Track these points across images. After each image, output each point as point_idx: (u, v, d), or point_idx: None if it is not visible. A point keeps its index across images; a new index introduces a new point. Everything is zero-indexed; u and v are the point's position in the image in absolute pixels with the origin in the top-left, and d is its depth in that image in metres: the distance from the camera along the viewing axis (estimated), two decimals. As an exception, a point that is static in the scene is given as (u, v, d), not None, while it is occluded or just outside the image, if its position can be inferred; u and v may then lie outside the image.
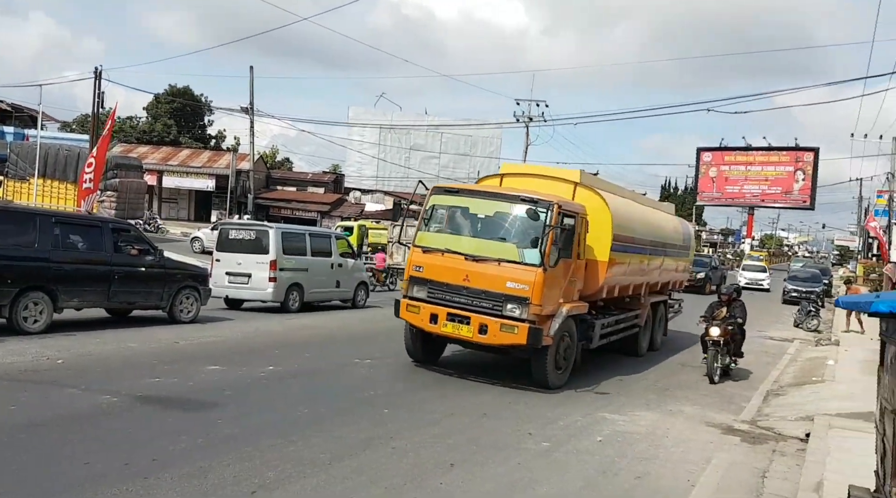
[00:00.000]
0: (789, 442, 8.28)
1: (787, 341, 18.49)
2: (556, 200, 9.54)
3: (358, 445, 6.57)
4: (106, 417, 6.73)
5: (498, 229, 9.86)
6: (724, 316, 12.04)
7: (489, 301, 9.36)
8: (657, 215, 14.63)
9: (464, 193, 10.35)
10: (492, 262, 9.41)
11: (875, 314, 3.62)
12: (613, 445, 7.46)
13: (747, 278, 37.49)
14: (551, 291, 9.48)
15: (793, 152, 58.21)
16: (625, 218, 11.62)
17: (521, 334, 9.15)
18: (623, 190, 13.75)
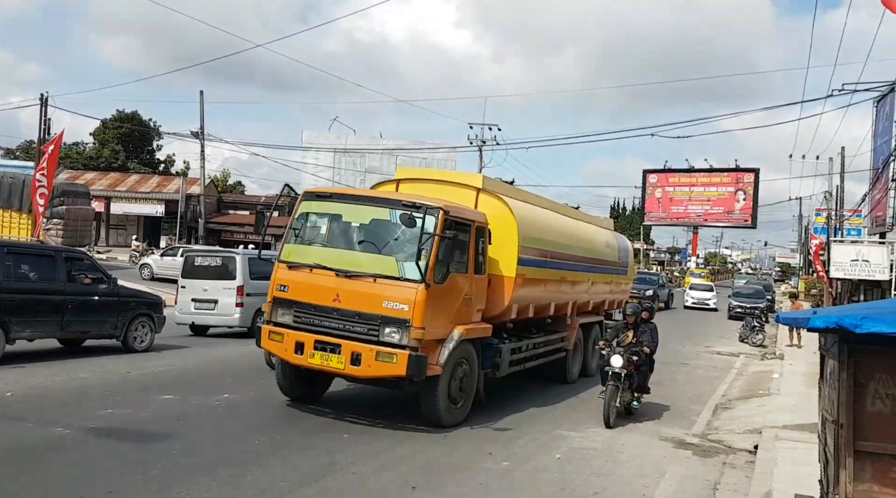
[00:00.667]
0: (738, 454, 8.56)
1: (733, 356, 19.04)
2: (442, 206, 8.27)
3: (318, 471, 6.55)
4: (58, 450, 6.58)
5: (375, 240, 8.56)
6: (630, 342, 9.94)
7: (364, 324, 8.01)
8: (584, 228, 13.42)
9: (337, 199, 8.98)
10: (367, 278, 8.12)
11: (813, 330, 3.85)
12: (571, 462, 7.61)
13: (694, 298, 37.47)
14: (439, 312, 8.16)
15: (733, 173, 60.29)
16: (536, 229, 10.43)
17: (401, 364, 7.76)
18: (541, 199, 12.41)
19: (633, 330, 10.07)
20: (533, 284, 10.33)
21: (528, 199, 11.42)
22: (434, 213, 8.16)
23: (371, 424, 8.46)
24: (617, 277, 14.66)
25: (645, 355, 9.92)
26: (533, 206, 11.30)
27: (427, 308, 7.92)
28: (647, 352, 9.96)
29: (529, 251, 9.96)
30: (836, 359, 4.01)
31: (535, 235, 10.28)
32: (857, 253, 19.97)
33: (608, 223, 16.28)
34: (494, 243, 9.40)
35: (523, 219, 9.93)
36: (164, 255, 30.18)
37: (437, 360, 8.20)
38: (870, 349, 3.86)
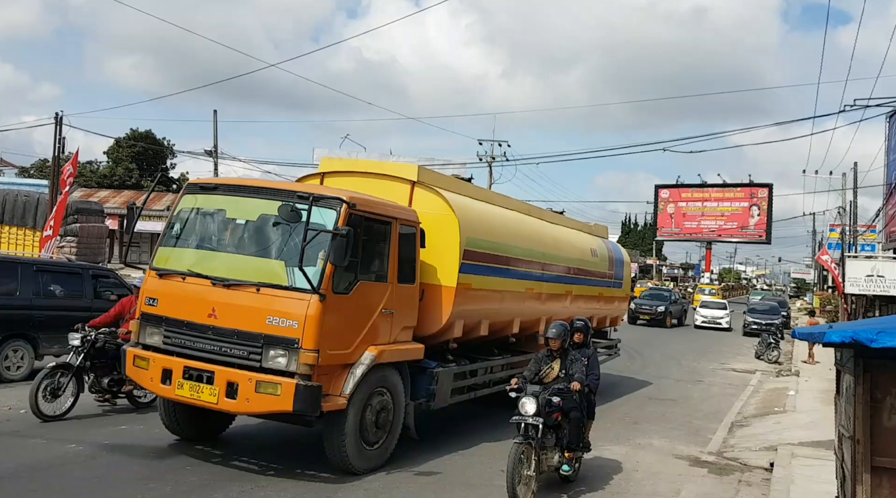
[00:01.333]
0: (754, 472, 8.46)
1: (749, 373, 18.85)
2: (346, 196, 6.74)
3: (328, 488, 6.53)
4: (71, 466, 6.60)
5: (262, 241, 7.03)
6: (556, 377, 7.07)
7: (243, 346, 6.42)
8: (561, 234, 11.78)
9: (223, 191, 7.28)
10: (249, 288, 6.55)
11: (829, 344, 3.82)
12: (585, 480, 7.53)
13: (704, 317, 33.57)
14: (342, 329, 6.62)
15: (747, 189, 59.99)
16: (487, 230, 8.92)
17: (286, 396, 6.17)
18: (501, 198, 10.89)
19: (559, 359, 7.12)
20: (483, 296, 8.78)
21: (481, 197, 9.86)
22: (333, 206, 6.63)
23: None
24: (608, 290, 13.35)
25: (578, 395, 6.98)
26: (487, 203, 9.75)
27: (323, 325, 6.34)
28: (585, 389, 7.08)
29: (477, 256, 8.48)
30: (852, 374, 3.97)
31: (486, 238, 8.76)
32: (872, 268, 19.78)
33: (600, 230, 14.80)
34: (431, 247, 7.90)
35: (468, 218, 8.41)
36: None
37: (340, 390, 6.62)
38: (886, 364, 3.83)
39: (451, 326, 8.24)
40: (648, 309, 32.80)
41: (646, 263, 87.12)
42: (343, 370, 6.71)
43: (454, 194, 8.64)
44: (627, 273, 14.77)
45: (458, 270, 8.09)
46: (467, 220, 8.37)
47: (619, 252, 14.60)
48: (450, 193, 8.48)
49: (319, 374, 6.38)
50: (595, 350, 8.15)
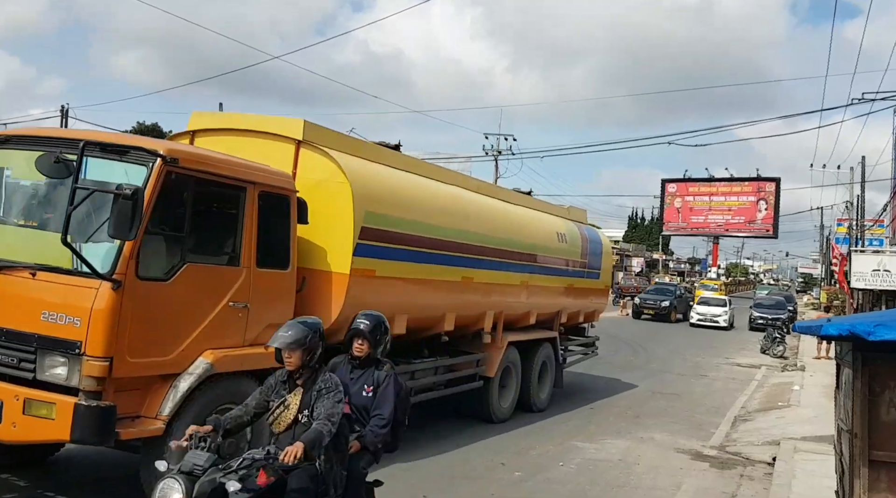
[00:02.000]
0: (757, 466, 8.43)
1: (754, 368, 18.80)
2: (164, 149, 5.19)
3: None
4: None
5: (47, 208, 5.48)
6: (291, 425, 3.99)
7: (12, 351, 4.92)
8: (514, 213, 9.99)
9: (14, 143, 5.62)
10: (23, 271, 5.01)
11: (826, 337, 3.79)
12: (585, 474, 7.53)
13: (700, 314, 31.30)
14: (156, 328, 5.07)
15: (755, 183, 59.72)
16: (397, 204, 7.20)
17: (62, 421, 4.65)
18: (426, 166, 8.99)
19: (301, 388, 4.08)
20: (393, 286, 7.13)
21: (399, 164, 7.94)
22: (143, 161, 5.04)
23: None
24: (580, 281, 11.66)
25: (323, 463, 3.90)
26: (405, 172, 7.94)
27: (120, 322, 4.78)
28: (295, 461, 3.67)
29: (383, 235, 6.87)
30: (851, 367, 3.94)
31: (396, 214, 7.12)
32: (879, 263, 19.66)
33: (576, 214, 12.82)
34: (319, 222, 6.40)
35: (368, 186, 6.84)
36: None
37: (156, 410, 5.04)
38: (884, 357, 3.80)
39: (346, 322, 5.63)
40: (653, 304, 32.74)
41: (652, 258, 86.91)
42: (163, 383, 5.11)
43: (350, 157, 6.94)
44: (607, 263, 13.11)
45: (353, 252, 6.47)
46: (366, 188, 6.76)
47: (596, 239, 12.76)
48: (344, 155, 6.80)
49: (117, 389, 4.80)
50: (391, 374, 4.57)
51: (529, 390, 10.33)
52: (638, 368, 16.73)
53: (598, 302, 12.78)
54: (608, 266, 13.25)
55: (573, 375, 14.62)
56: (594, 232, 13.17)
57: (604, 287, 13.10)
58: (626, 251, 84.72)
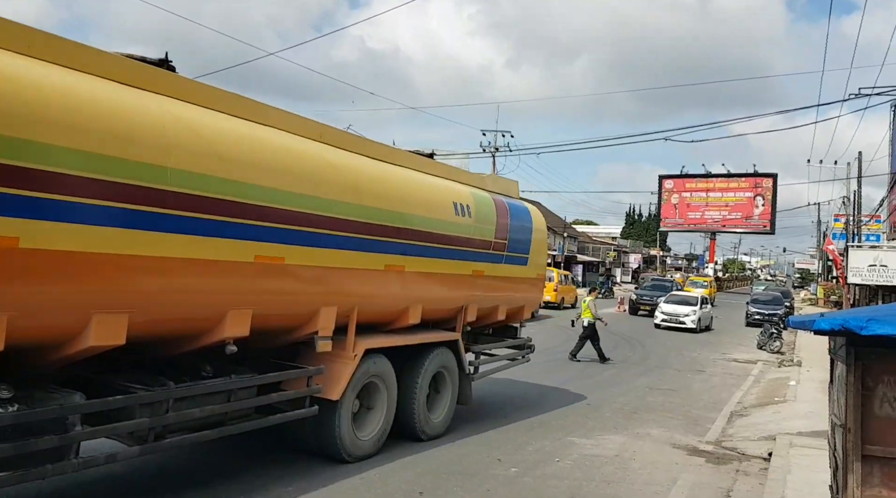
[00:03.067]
0: (752, 461, 8.45)
1: (750, 363, 18.82)
2: None
3: (324, 475, 6.55)
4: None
5: None
6: None
7: None
8: (369, 169, 7.28)
9: None
10: None
11: (819, 332, 3.80)
12: (581, 469, 7.55)
13: (664, 313, 26.67)
14: None
15: (751, 179, 59.81)
16: (75, 124, 4.46)
17: None
18: (211, 91, 5.93)
19: None
20: (71, 266, 4.43)
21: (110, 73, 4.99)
22: None
23: None
24: (495, 267, 9.02)
25: None
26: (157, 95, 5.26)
27: None
28: None
29: (51, 182, 4.27)
30: (844, 362, 3.95)
31: (70, 143, 4.40)
32: (875, 258, 19.71)
33: (500, 184, 10.37)
34: None
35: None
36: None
37: None
38: (877, 352, 3.81)
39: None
40: (649, 300, 32.76)
41: (650, 255, 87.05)
42: None
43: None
44: (539, 247, 10.33)
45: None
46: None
47: (523, 216, 9.97)
48: None
49: None
50: None
51: (412, 413, 7.86)
52: (635, 364, 16.75)
53: (528, 296, 10.20)
54: (541, 251, 10.46)
55: (573, 370, 14.66)
56: (522, 208, 10.14)
57: (535, 277, 10.33)
58: (623, 247, 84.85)
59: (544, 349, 18.45)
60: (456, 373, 8.71)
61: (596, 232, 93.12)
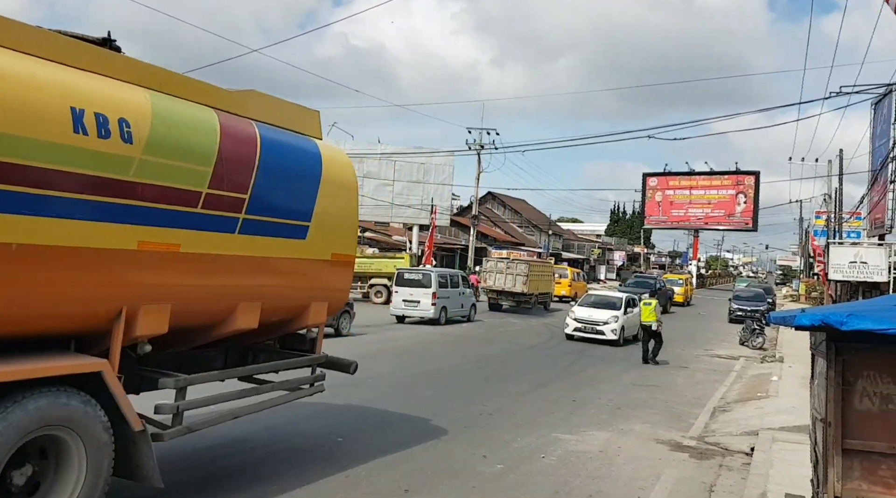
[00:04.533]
0: (735, 456, 8.53)
1: (733, 359, 18.99)
2: None
3: (310, 473, 6.54)
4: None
5: None
6: None
7: None
8: None
9: None
10: None
11: (800, 328, 3.85)
12: (566, 465, 7.58)
13: (577, 321, 20.30)
14: None
15: (734, 176, 60.34)
16: None
17: None
18: None
19: None
20: None
21: None
22: None
23: (365, 427, 8.43)
24: (212, 238, 5.57)
25: None
26: None
27: None
28: None
29: None
30: (825, 357, 4.00)
31: None
32: (856, 255, 19.96)
33: (272, 109, 6.68)
34: None
35: None
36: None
37: None
38: (858, 347, 3.85)
39: None
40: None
41: (634, 252, 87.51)
42: None
43: None
44: (338, 212, 6.96)
45: None
46: None
47: (294, 155, 6.56)
48: None
49: None
50: None
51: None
52: (620, 360, 16.85)
53: (312, 287, 6.78)
54: (343, 218, 7.06)
55: (558, 366, 14.72)
56: (298, 147, 6.60)
57: (330, 259, 6.81)
58: (608, 245, 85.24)
59: (533, 345, 18.52)
60: (101, 434, 4.76)
61: (581, 229, 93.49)
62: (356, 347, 14.87)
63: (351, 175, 7.41)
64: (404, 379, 12.13)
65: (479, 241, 53.57)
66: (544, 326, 24.39)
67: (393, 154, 47.69)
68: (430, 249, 37.44)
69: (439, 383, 12.00)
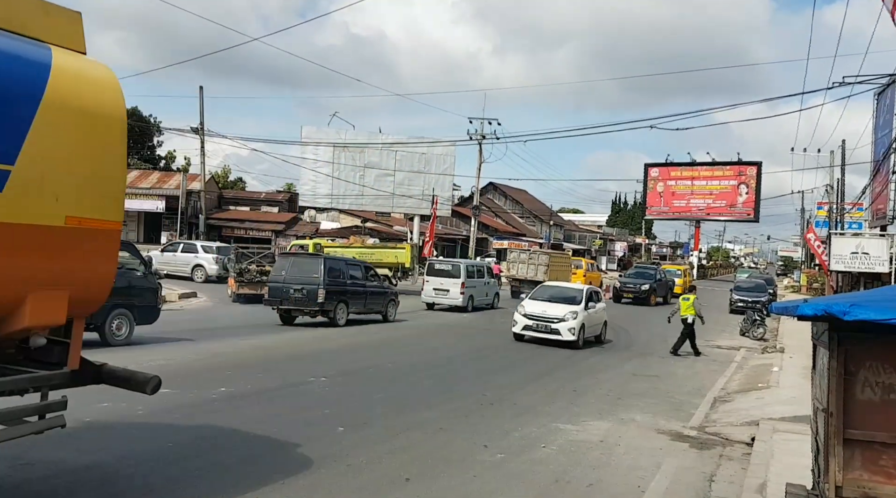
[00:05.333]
0: (736, 446, 8.54)
1: (734, 350, 19.00)
2: None
3: (312, 462, 6.55)
4: (61, 441, 6.58)
5: None
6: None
7: None
8: None
9: None
10: None
11: (802, 317, 3.83)
12: (567, 455, 7.59)
13: (529, 315, 16.68)
14: None
15: (736, 167, 60.17)
16: None
17: None
18: None
19: None
20: None
21: None
22: None
23: (365, 418, 8.44)
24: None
25: None
26: None
27: None
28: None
29: None
30: (826, 347, 3.98)
31: None
32: (857, 246, 19.93)
33: None
34: None
35: None
36: (164, 250, 30.18)
37: None
38: (860, 337, 3.84)
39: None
40: (633, 287, 33.00)
41: (635, 243, 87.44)
42: None
43: None
44: (82, 152, 4.83)
45: None
46: None
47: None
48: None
49: None
50: None
51: None
52: (620, 350, 16.86)
53: (14, 266, 4.47)
54: (87, 156, 4.87)
55: (559, 356, 14.72)
56: (23, 47, 4.62)
57: (63, 225, 4.69)
58: (609, 235, 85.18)
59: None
60: None
61: (582, 220, 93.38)
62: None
63: (111, 102, 5.08)
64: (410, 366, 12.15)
65: (481, 231, 53.54)
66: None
67: (394, 144, 47.58)
68: (431, 239, 37.42)
69: (438, 373, 12.03)
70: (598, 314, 17.91)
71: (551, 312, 16.57)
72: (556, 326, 16.24)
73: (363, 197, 47.81)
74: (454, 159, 48.59)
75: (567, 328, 16.17)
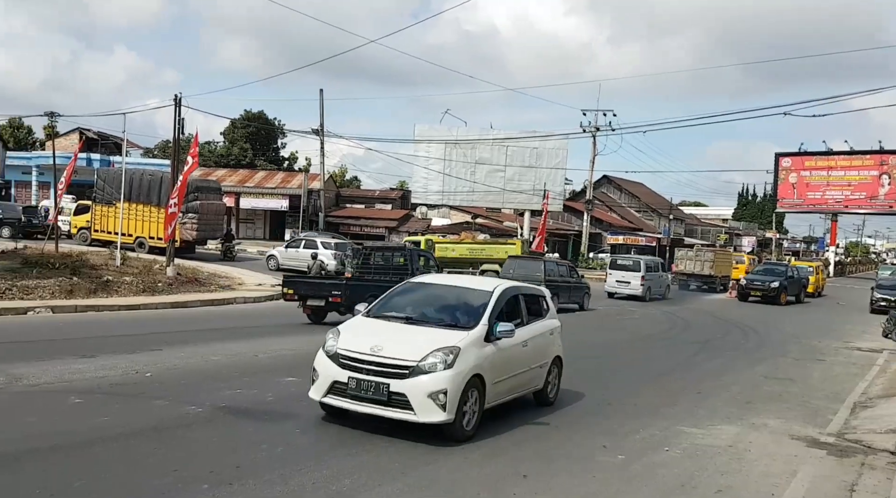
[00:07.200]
0: (879, 455, 7.89)
1: (875, 352, 17.60)
2: None
3: (428, 454, 6.63)
4: (190, 428, 7.02)
5: None
6: None
7: None
8: None
9: None
10: None
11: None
12: (692, 459, 7.28)
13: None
14: None
15: (877, 155, 55.79)
16: None
17: None
18: None
19: None
20: None
21: None
22: None
23: (489, 408, 8.45)
24: None
25: None
26: None
27: None
28: None
29: None
30: None
31: None
32: None
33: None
34: None
35: None
36: (287, 246, 31.58)
37: None
38: None
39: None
40: (760, 285, 31.22)
41: (765, 237, 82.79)
42: None
43: None
44: None
45: None
46: None
47: None
48: None
49: None
50: None
51: None
52: (749, 352, 16.03)
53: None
54: None
55: (680, 357, 14.19)
56: None
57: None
58: (735, 230, 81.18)
59: (651, 334, 17.95)
60: None
61: (705, 214, 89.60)
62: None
63: None
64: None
65: (594, 226, 52.48)
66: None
67: (505, 139, 47.46)
68: (542, 234, 37.02)
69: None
70: (537, 345, 8.63)
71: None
72: (399, 387, 6.84)
73: (474, 193, 48.06)
74: (566, 153, 47.88)
75: (423, 392, 6.80)
